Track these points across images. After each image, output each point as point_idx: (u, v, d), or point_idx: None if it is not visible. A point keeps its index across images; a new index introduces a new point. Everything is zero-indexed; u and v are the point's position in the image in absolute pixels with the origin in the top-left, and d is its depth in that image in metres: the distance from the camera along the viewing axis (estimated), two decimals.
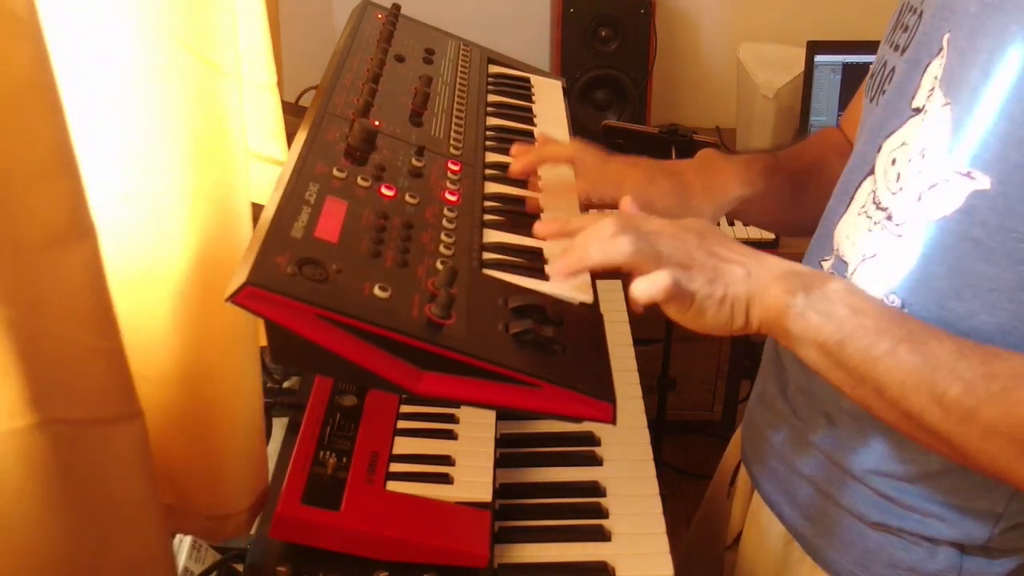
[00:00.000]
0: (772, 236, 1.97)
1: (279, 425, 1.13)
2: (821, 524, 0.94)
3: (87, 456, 0.70)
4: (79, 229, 0.63)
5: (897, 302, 0.81)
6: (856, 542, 0.91)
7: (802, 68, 2.12)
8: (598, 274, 0.96)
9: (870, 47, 2.41)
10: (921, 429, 0.74)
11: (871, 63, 0.93)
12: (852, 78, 2.11)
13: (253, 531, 0.96)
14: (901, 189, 0.81)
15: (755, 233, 1.99)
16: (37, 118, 0.58)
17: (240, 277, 0.72)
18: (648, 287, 0.78)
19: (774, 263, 0.80)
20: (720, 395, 2.35)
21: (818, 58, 2.10)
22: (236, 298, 0.72)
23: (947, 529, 0.86)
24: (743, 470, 1.11)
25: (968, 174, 0.74)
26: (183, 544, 1.02)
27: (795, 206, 1.07)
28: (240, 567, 1.00)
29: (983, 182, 0.73)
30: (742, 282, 0.78)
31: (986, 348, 0.73)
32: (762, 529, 1.06)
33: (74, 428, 0.68)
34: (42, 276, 0.63)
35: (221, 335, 0.84)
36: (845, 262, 0.88)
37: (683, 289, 0.78)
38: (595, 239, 0.80)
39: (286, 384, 1.19)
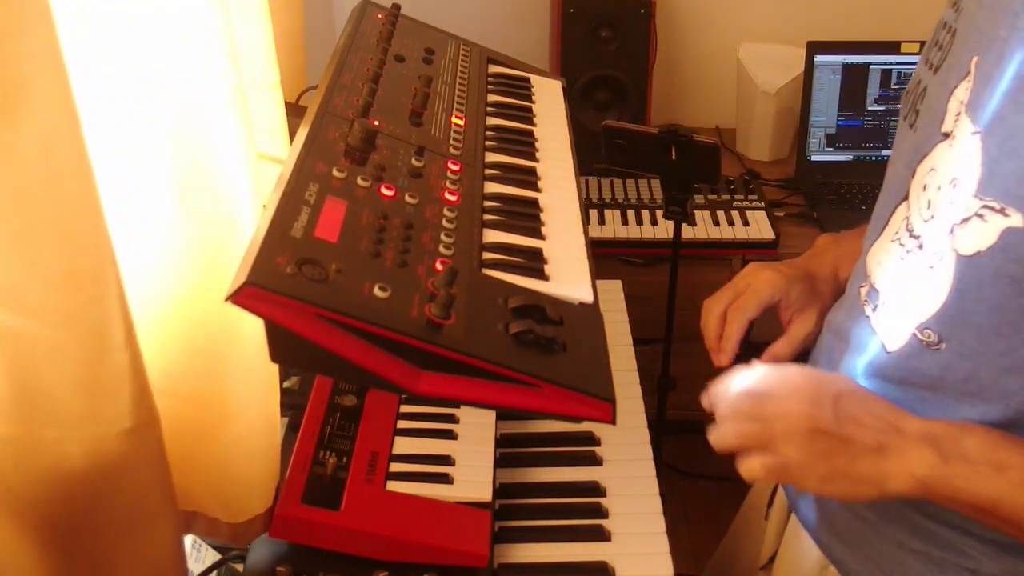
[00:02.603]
0: (772, 236, 1.97)
1: (279, 425, 1.13)
2: (860, 551, 0.93)
3: (110, 462, 0.71)
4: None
5: (933, 337, 0.80)
6: (896, 570, 0.90)
7: (802, 68, 2.12)
8: (598, 274, 0.96)
9: (870, 47, 2.40)
10: None
11: (871, 63, 0.91)
12: (852, 78, 2.11)
13: None
14: (932, 217, 0.80)
15: (755, 234, 1.99)
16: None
17: (240, 277, 0.72)
18: (749, 475, 0.81)
19: (910, 427, 0.78)
20: None
21: (818, 58, 2.10)
22: (236, 298, 0.72)
23: (988, 563, 0.85)
24: (781, 491, 1.10)
25: (1002, 211, 0.72)
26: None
27: None
28: (240, 567, 1.00)
29: (1017, 220, 0.71)
30: (863, 454, 0.77)
31: None
32: (798, 553, 1.04)
33: (98, 438, 0.70)
34: (70, 297, 0.64)
35: (239, 342, 0.84)
36: (877, 290, 0.87)
37: (786, 467, 0.79)
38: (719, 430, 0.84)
39: (286, 384, 1.19)
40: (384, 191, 0.91)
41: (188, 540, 1.02)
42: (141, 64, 0.73)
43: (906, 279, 0.83)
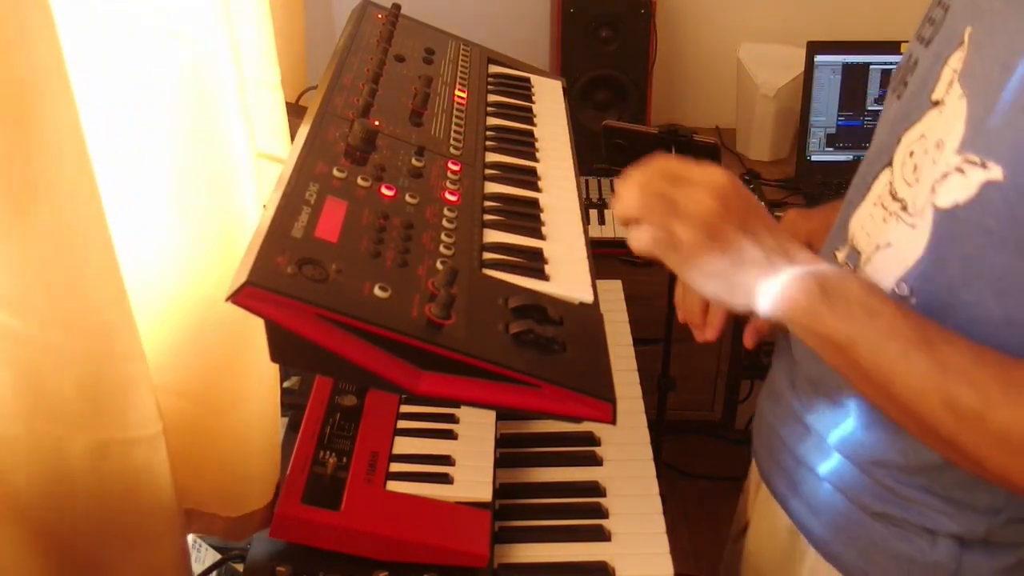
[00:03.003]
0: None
1: (279, 420, 1.13)
2: (826, 516, 0.95)
3: (115, 468, 0.72)
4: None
5: (906, 290, 0.81)
6: (860, 534, 0.92)
7: (802, 68, 2.12)
8: (598, 274, 0.96)
9: (870, 47, 2.40)
10: (931, 434, 0.74)
11: (871, 63, 0.93)
12: (852, 78, 2.11)
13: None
14: (917, 181, 0.82)
15: None
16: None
17: (240, 277, 0.72)
18: (636, 243, 0.80)
19: (800, 257, 0.80)
20: (720, 395, 2.35)
21: (818, 58, 2.10)
22: (236, 298, 0.72)
23: (947, 521, 0.87)
24: (753, 464, 1.12)
25: (982, 164, 0.74)
26: None
27: None
28: (240, 567, 1.00)
29: (996, 172, 0.73)
30: (753, 265, 0.78)
31: (1005, 357, 0.73)
32: (769, 521, 1.07)
33: (103, 443, 0.70)
34: (74, 302, 0.64)
35: (240, 339, 0.84)
36: (858, 252, 0.89)
37: (674, 243, 0.79)
38: (622, 197, 0.81)
39: (286, 384, 1.19)
40: (384, 191, 0.91)
41: (188, 540, 1.02)
42: (142, 69, 0.73)
43: (887, 239, 0.85)
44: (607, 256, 2.05)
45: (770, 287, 0.78)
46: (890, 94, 0.92)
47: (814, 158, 2.17)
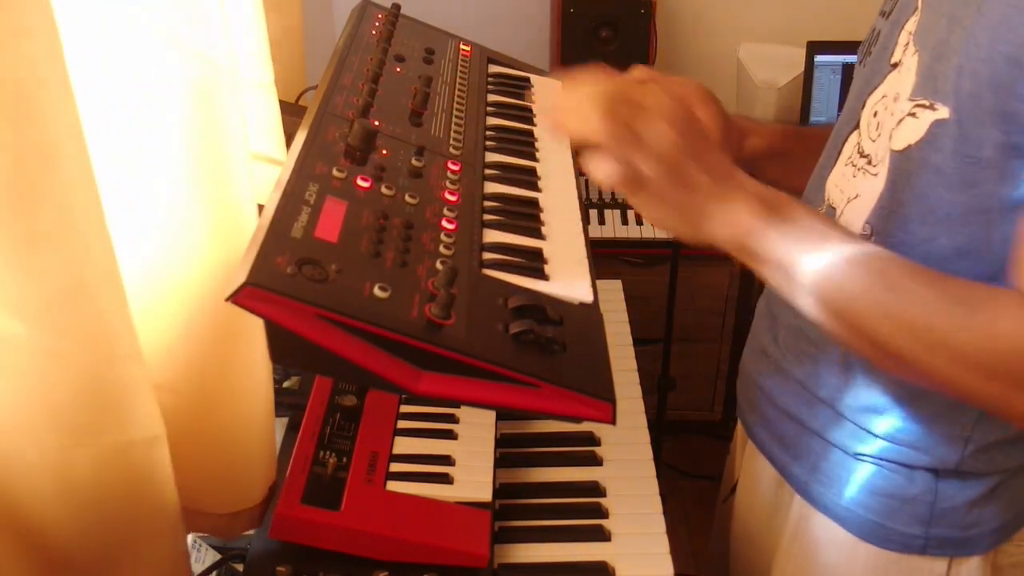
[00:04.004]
0: None
1: (279, 425, 1.13)
2: (808, 461, 0.99)
3: (116, 472, 0.72)
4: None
5: (868, 230, 0.87)
6: (841, 475, 0.96)
7: (802, 68, 2.12)
8: (598, 274, 0.96)
9: None
10: (883, 352, 0.78)
11: None
12: (852, 78, 2.11)
13: (253, 531, 0.96)
14: (879, 136, 0.87)
15: None
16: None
17: (240, 277, 0.72)
18: (600, 173, 0.78)
19: (747, 183, 0.80)
20: (720, 395, 2.35)
21: (818, 58, 2.10)
22: (236, 298, 0.72)
23: (920, 455, 0.91)
24: (739, 424, 1.16)
25: (931, 105, 0.79)
26: None
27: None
28: (240, 567, 1.00)
29: (943, 112, 0.78)
30: (704, 193, 0.78)
31: (947, 276, 0.77)
32: (756, 476, 1.10)
33: (103, 447, 0.70)
34: (74, 306, 0.64)
35: (235, 337, 0.84)
36: (834, 208, 0.94)
37: (639, 180, 0.78)
38: (578, 115, 0.79)
39: (286, 384, 1.19)
40: (384, 191, 0.91)
41: (188, 540, 1.02)
42: (141, 71, 0.73)
43: (856, 191, 0.90)
44: (607, 256, 2.06)
45: (720, 213, 0.78)
46: (857, 67, 0.99)
47: None
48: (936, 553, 0.94)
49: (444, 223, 0.92)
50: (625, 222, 2.05)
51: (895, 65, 0.87)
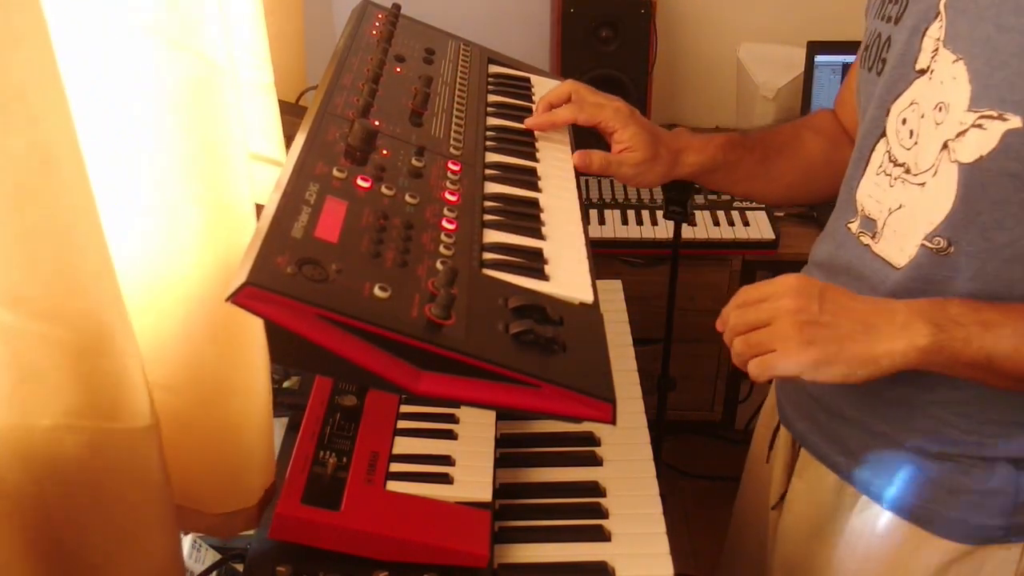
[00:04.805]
0: (772, 236, 1.98)
1: (279, 425, 1.13)
2: (879, 465, 0.99)
3: (108, 461, 0.71)
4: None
5: (943, 243, 0.88)
6: (917, 476, 0.96)
7: (802, 68, 2.12)
8: (598, 274, 0.96)
9: None
10: None
11: None
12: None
13: (253, 531, 0.96)
14: (916, 144, 0.89)
15: (755, 234, 1.99)
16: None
17: (240, 277, 0.72)
18: (761, 373, 0.86)
19: (899, 307, 0.85)
20: (720, 395, 2.35)
21: (818, 58, 2.10)
22: (236, 298, 0.72)
23: (1002, 445, 0.92)
24: (782, 433, 1.15)
25: (1000, 116, 0.81)
26: (183, 544, 1.02)
27: (763, 178, 1.18)
28: (240, 567, 1.00)
29: (1015, 121, 0.80)
30: (863, 341, 0.83)
31: None
32: (811, 483, 1.10)
33: (96, 434, 0.70)
34: (68, 296, 0.64)
35: (232, 336, 0.84)
36: (872, 219, 0.95)
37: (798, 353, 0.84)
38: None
39: (286, 384, 1.19)
40: (384, 191, 0.91)
41: (188, 540, 1.02)
42: (138, 69, 0.73)
43: (898, 202, 0.91)
44: (607, 256, 2.05)
45: (884, 351, 0.82)
46: (866, 73, 0.99)
47: None
48: (1015, 540, 0.96)
49: (444, 223, 0.92)
50: (625, 222, 2.05)
51: (922, 72, 0.88)
